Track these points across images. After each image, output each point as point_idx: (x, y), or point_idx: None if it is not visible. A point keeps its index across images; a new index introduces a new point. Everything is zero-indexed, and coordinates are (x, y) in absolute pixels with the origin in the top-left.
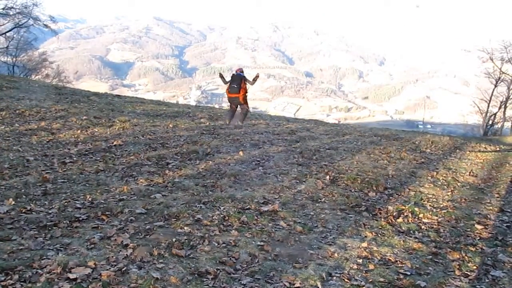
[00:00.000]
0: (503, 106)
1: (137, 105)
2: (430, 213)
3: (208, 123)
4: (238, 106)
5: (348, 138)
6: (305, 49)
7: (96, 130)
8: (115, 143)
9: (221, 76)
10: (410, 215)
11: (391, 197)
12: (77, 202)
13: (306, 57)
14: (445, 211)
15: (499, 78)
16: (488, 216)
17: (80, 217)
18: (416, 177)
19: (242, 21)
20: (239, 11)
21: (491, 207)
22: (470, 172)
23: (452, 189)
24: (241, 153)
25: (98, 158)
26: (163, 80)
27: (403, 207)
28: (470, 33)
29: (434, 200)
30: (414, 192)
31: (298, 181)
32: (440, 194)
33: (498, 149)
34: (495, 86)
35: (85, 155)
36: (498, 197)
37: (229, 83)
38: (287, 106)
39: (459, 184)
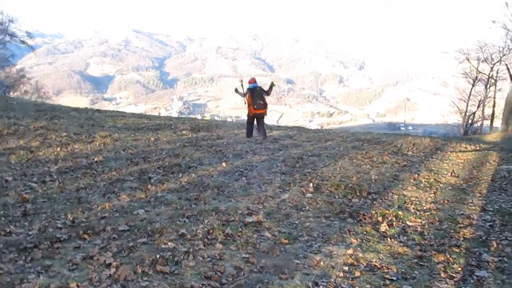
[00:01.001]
0: (481, 105)
1: (118, 119)
2: (414, 216)
3: (190, 135)
4: (258, 121)
5: (331, 144)
6: (285, 57)
7: (77, 146)
8: (96, 159)
9: (238, 92)
10: (394, 219)
11: (375, 202)
12: (58, 221)
13: (286, 64)
14: (428, 213)
15: (476, 77)
16: (471, 216)
17: (61, 237)
18: (399, 181)
19: (221, 31)
20: (218, 21)
21: (473, 207)
22: (451, 173)
23: (434, 190)
24: (224, 164)
25: (79, 175)
26: (144, 92)
27: (387, 211)
28: (447, 34)
29: (418, 202)
30: (397, 196)
31: (281, 190)
32: (423, 196)
33: (478, 148)
34: (473, 85)
35: (65, 173)
36: (480, 197)
37: (249, 96)
38: (269, 114)
39: (441, 185)
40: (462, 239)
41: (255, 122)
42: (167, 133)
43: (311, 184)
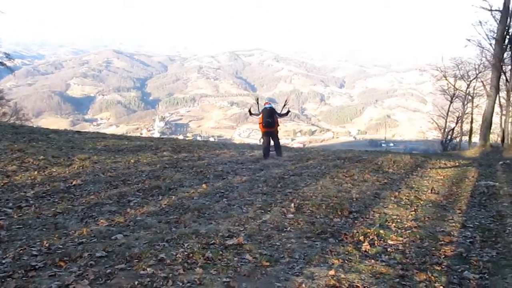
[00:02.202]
0: (459, 121)
1: (98, 141)
2: (395, 234)
3: (171, 156)
4: (271, 138)
5: (312, 163)
6: (267, 76)
7: (54, 170)
8: (74, 183)
9: (251, 113)
10: (375, 238)
11: (356, 221)
12: (33, 249)
13: (268, 83)
14: (409, 231)
15: (454, 94)
16: (452, 233)
17: (37, 265)
18: (380, 199)
19: (202, 51)
20: (199, 41)
21: (453, 224)
22: (431, 190)
23: (415, 208)
24: (204, 185)
25: (56, 200)
26: (126, 113)
27: (369, 231)
28: (424, 52)
29: (399, 220)
30: (378, 214)
31: (263, 211)
32: (404, 214)
33: (457, 164)
34: (451, 102)
35: (42, 198)
36: (460, 213)
37: (261, 117)
38: (252, 133)
39: (422, 202)
40: (443, 256)
41: (271, 143)
42: (147, 154)
43: (292, 204)
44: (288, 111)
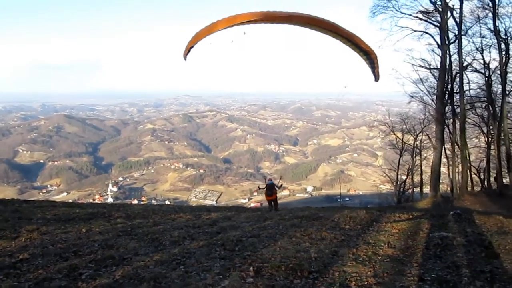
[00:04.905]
0: (410, 174)
1: (47, 210)
2: None
3: (125, 223)
4: (272, 202)
5: (269, 223)
6: (221, 136)
7: None
8: (21, 257)
9: (260, 188)
10: None
11: (316, 281)
12: None
13: (222, 143)
14: None
15: (403, 148)
16: None
17: None
18: (339, 256)
19: (155, 114)
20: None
21: (412, 278)
22: (388, 244)
23: (373, 264)
24: (160, 253)
25: (1, 277)
26: (77, 178)
27: None
28: (371, 107)
29: (358, 278)
30: (338, 273)
31: (221, 276)
32: (363, 271)
33: (411, 216)
34: (400, 155)
35: None
36: (417, 266)
37: (266, 189)
38: (208, 194)
39: (379, 257)
40: None
41: (272, 203)
42: (100, 222)
43: (251, 268)
44: (281, 185)
